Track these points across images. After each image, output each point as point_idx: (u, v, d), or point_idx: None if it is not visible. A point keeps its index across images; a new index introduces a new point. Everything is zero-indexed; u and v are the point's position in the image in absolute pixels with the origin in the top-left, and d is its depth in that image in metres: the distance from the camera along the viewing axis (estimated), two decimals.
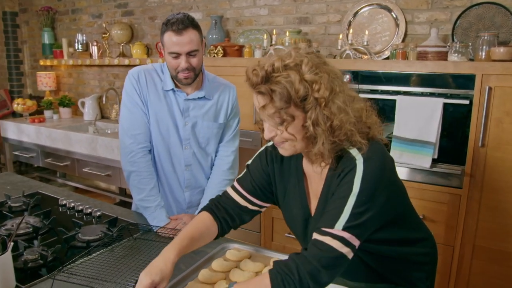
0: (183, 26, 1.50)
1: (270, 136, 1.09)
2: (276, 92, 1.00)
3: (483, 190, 2.11)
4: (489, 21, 2.40)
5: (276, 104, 1.01)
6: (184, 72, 1.55)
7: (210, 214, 1.28)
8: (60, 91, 4.76)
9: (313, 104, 1.02)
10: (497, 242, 2.12)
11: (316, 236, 1.02)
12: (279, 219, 2.81)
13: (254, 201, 1.30)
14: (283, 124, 1.04)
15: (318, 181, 1.18)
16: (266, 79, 1.02)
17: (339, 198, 1.03)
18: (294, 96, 1.00)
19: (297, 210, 1.23)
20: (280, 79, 1.00)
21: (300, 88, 1.00)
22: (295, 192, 1.23)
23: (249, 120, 2.78)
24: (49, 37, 4.57)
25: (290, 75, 1.00)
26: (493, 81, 2.01)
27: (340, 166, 1.07)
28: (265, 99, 1.02)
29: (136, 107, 1.64)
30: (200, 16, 3.52)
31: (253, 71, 1.04)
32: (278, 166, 1.27)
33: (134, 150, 1.63)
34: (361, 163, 1.04)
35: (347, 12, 2.83)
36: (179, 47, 1.51)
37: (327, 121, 1.02)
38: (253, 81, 1.03)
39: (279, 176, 1.27)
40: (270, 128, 1.08)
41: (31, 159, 4.11)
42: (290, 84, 1.00)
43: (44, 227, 1.56)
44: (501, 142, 2.04)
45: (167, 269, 1.07)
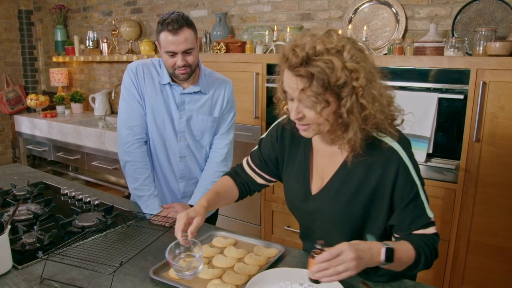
0: (178, 25, 1.55)
1: (297, 118, 1.08)
2: (316, 76, 0.99)
3: (477, 185, 2.12)
4: (489, 16, 2.40)
5: (314, 89, 1.00)
6: (181, 69, 1.62)
7: (231, 179, 1.43)
8: (72, 87, 4.89)
9: (350, 92, 1.02)
10: (491, 237, 2.12)
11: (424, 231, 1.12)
12: (279, 213, 2.86)
13: (262, 174, 1.40)
14: (315, 108, 1.04)
15: (326, 161, 1.21)
16: (306, 61, 1.00)
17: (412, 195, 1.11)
18: (333, 83, 1.00)
19: (298, 186, 1.26)
20: (321, 64, 0.98)
21: (341, 76, 0.99)
22: (299, 167, 1.27)
23: (250, 115, 2.83)
24: (61, 34, 4.70)
25: (333, 61, 0.99)
26: (487, 75, 2.02)
27: (377, 155, 1.11)
28: (303, 82, 1.01)
29: (133, 100, 1.71)
30: (205, 13, 3.59)
31: (292, 51, 1.01)
32: (289, 141, 1.30)
33: (130, 141, 1.70)
34: (405, 155, 1.11)
35: (348, 8, 2.85)
36: (175, 46, 1.57)
37: (361, 110, 1.04)
38: (292, 62, 1.01)
39: (288, 151, 1.31)
40: (298, 109, 1.06)
41: (44, 153, 4.24)
42: (331, 71, 0.99)
43: (44, 214, 1.64)
44: (496, 136, 2.04)
45: (200, 209, 1.22)
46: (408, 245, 1.08)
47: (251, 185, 1.44)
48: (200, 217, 1.19)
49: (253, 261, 1.28)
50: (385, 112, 1.09)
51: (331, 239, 1.20)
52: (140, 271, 1.25)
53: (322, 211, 1.22)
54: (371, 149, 1.11)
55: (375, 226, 1.17)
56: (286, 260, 1.32)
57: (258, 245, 1.40)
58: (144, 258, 1.32)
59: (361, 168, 1.14)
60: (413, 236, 1.12)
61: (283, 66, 1.06)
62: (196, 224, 1.17)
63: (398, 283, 1.20)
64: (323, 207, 1.21)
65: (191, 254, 1.16)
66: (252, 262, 1.27)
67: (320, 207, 1.22)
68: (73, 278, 1.20)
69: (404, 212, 1.12)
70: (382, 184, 1.12)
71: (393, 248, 1.03)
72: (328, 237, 1.21)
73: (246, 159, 1.45)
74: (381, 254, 1.02)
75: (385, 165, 1.11)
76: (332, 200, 1.18)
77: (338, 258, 0.96)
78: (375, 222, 1.17)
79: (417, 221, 1.12)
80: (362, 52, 1.06)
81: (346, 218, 1.18)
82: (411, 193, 1.11)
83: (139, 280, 1.20)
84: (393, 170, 1.10)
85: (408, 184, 1.10)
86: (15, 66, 5.04)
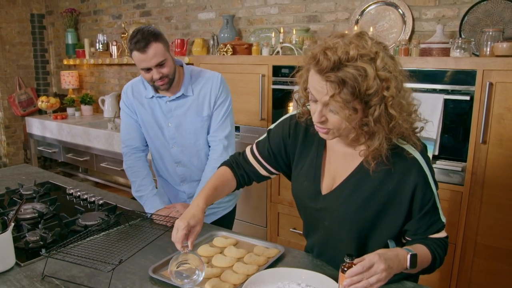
0: (145, 43, 1.56)
1: (320, 120, 1.05)
2: (347, 83, 0.95)
3: (484, 187, 2.09)
4: (497, 17, 2.37)
5: (343, 96, 0.97)
6: (159, 81, 1.66)
7: (229, 169, 1.39)
8: (82, 89, 4.96)
9: (379, 101, 0.99)
10: (499, 240, 2.09)
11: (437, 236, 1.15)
12: (285, 215, 2.85)
13: (267, 166, 1.37)
14: (342, 114, 1.01)
15: (340, 161, 1.20)
16: (338, 66, 0.96)
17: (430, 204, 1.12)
18: (364, 91, 0.96)
19: (308, 183, 1.25)
20: (353, 70, 0.95)
21: (373, 85, 0.96)
22: (311, 165, 1.25)
23: (256, 117, 2.84)
24: (72, 37, 4.77)
25: (366, 69, 0.95)
26: (494, 76, 1.99)
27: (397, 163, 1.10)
28: (333, 88, 0.97)
29: (127, 117, 1.84)
30: (213, 15, 3.61)
31: (324, 53, 0.97)
32: (302, 138, 1.28)
33: (127, 152, 1.86)
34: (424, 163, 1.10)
35: (354, 10, 2.84)
36: (147, 63, 1.60)
37: (389, 120, 1.01)
38: (323, 66, 0.96)
39: (300, 148, 1.28)
40: (321, 113, 1.04)
41: (54, 154, 4.30)
42: (363, 79, 0.95)
43: (49, 212, 1.67)
44: (503, 138, 2.02)
45: (199, 214, 1.20)
46: (425, 249, 1.11)
47: (252, 176, 1.40)
48: (200, 226, 1.20)
49: (253, 261, 1.28)
50: (410, 121, 1.07)
51: (337, 239, 1.22)
52: (140, 269, 1.26)
53: (332, 211, 1.20)
54: (391, 156, 1.09)
55: (384, 231, 1.17)
56: (286, 260, 1.32)
57: (259, 245, 1.40)
58: (144, 256, 1.33)
59: (378, 173, 1.12)
60: (427, 239, 1.14)
61: (310, 67, 1.03)
62: (196, 233, 1.18)
63: (397, 285, 1.19)
64: (333, 208, 1.19)
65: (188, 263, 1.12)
66: (251, 262, 1.28)
67: (331, 207, 1.20)
68: (73, 276, 1.22)
69: (421, 220, 1.13)
70: (400, 191, 1.11)
71: (416, 254, 1.04)
72: (334, 237, 1.22)
73: (250, 148, 1.40)
74: (407, 261, 1.03)
75: (405, 173, 1.10)
76: (345, 202, 1.17)
77: (369, 271, 0.96)
78: (386, 227, 1.16)
79: (432, 227, 1.14)
80: (393, 59, 1.03)
81: (357, 221, 1.16)
82: (430, 201, 1.12)
83: (138, 278, 1.21)
84: (412, 179, 1.10)
85: (427, 192, 1.11)
86: (27, 69, 5.12)
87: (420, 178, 1.09)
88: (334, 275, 1.16)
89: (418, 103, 1.11)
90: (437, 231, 1.15)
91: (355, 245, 1.18)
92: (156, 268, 1.24)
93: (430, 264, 1.11)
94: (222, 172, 1.39)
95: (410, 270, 1.05)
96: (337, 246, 1.24)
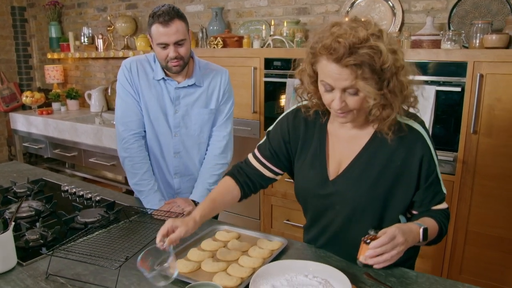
0: (169, 17, 1.56)
1: (341, 106, 1.09)
2: (365, 64, 1.00)
3: (475, 176, 2.14)
4: (485, 9, 2.42)
5: (365, 75, 1.02)
6: (173, 61, 1.62)
7: (232, 178, 1.38)
8: (67, 84, 4.87)
9: (392, 73, 1.04)
10: (489, 228, 2.15)
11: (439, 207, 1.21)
12: (278, 207, 2.87)
13: (271, 167, 1.38)
14: (358, 94, 1.06)
15: (344, 145, 1.24)
16: (352, 50, 1.00)
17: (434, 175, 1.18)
18: (379, 67, 1.02)
19: (314, 172, 1.27)
20: (368, 51, 1.00)
21: (388, 60, 1.02)
22: (315, 154, 1.28)
23: (248, 109, 2.84)
24: (56, 30, 4.67)
25: (379, 46, 1.01)
26: (484, 68, 2.04)
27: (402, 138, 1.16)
28: (354, 72, 1.01)
29: (128, 96, 1.72)
30: (201, 8, 3.57)
31: (337, 42, 1.01)
32: (303, 130, 1.31)
33: (126, 137, 1.72)
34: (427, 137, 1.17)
35: (344, 2, 2.85)
36: (167, 38, 1.58)
37: (401, 89, 1.08)
38: (340, 53, 1.00)
39: (302, 140, 1.31)
40: (341, 98, 1.08)
41: (40, 150, 4.23)
42: (379, 56, 1.01)
43: (46, 210, 1.64)
44: (493, 128, 2.06)
45: (190, 221, 1.19)
46: (432, 221, 1.18)
47: (258, 180, 1.39)
48: (184, 229, 1.17)
49: (257, 254, 1.29)
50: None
51: (349, 222, 1.25)
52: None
53: (343, 194, 1.23)
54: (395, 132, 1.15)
55: (397, 206, 1.21)
56: (290, 253, 1.34)
57: (261, 238, 1.41)
58: None
59: (383, 151, 1.18)
60: (432, 211, 1.21)
61: (321, 59, 1.07)
62: (178, 234, 1.15)
63: (400, 273, 1.22)
64: (345, 191, 1.22)
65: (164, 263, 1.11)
66: (256, 255, 1.29)
67: (342, 190, 1.23)
68: (78, 274, 1.21)
69: (427, 190, 1.19)
70: (408, 165, 1.17)
71: (427, 227, 1.12)
72: (346, 221, 1.25)
73: (251, 153, 1.42)
74: (420, 235, 1.10)
75: (411, 146, 1.16)
76: (355, 184, 1.21)
77: (392, 243, 1.01)
78: (398, 202, 1.21)
79: (436, 197, 1.21)
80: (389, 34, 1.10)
81: (371, 200, 1.20)
82: (434, 172, 1.19)
83: None
84: (418, 151, 1.16)
85: (432, 164, 1.18)
86: (9, 63, 4.99)
87: (425, 150, 1.16)
88: (339, 266, 1.19)
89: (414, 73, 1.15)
90: (439, 202, 1.22)
91: (369, 225, 1.20)
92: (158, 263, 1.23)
93: (437, 235, 1.19)
94: (223, 183, 1.39)
95: (421, 243, 1.13)
96: (350, 229, 1.26)
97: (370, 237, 1.03)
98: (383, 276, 1.20)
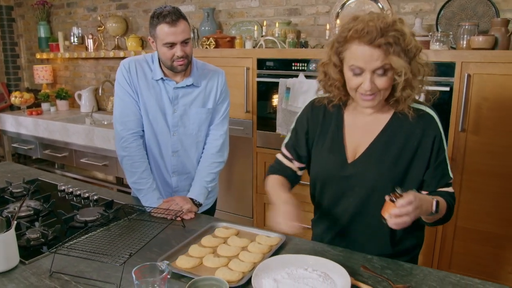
0: (176, 17, 1.60)
1: (371, 87, 1.19)
2: (393, 44, 1.13)
3: (463, 173, 2.21)
4: (471, 11, 2.49)
5: (396, 50, 1.14)
6: (179, 60, 1.65)
7: (274, 174, 1.46)
8: (56, 84, 4.83)
9: (413, 54, 1.18)
10: (477, 223, 2.22)
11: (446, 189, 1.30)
12: (271, 205, 2.90)
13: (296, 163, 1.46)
14: (387, 73, 1.17)
15: (360, 132, 1.34)
16: (382, 33, 1.12)
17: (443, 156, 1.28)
18: (405, 48, 1.15)
19: (333, 156, 1.36)
20: (395, 33, 1.13)
21: (411, 41, 1.15)
22: (333, 139, 1.37)
23: (241, 109, 2.87)
24: (45, 30, 4.64)
25: (403, 29, 1.15)
26: (472, 68, 2.10)
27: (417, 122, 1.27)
28: (384, 51, 1.14)
29: (126, 95, 1.73)
30: (192, 8, 3.59)
31: (368, 26, 1.13)
32: (321, 119, 1.40)
33: (124, 136, 1.73)
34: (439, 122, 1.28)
35: (335, 3, 2.90)
36: (174, 37, 1.61)
37: (420, 71, 1.20)
38: (373, 35, 1.12)
39: (320, 127, 1.40)
40: (371, 80, 1.18)
41: (30, 151, 4.19)
42: (404, 37, 1.14)
43: (44, 210, 1.65)
44: (480, 126, 2.13)
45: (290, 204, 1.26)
46: (441, 199, 1.25)
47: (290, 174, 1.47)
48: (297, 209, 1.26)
49: (257, 249, 1.33)
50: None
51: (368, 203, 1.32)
52: (147, 262, 1.27)
53: (363, 175, 1.31)
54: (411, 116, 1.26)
55: (411, 186, 1.28)
56: (288, 248, 1.38)
57: (260, 234, 1.45)
58: (149, 250, 1.35)
59: (401, 132, 1.28)
60: (440, 192, 1.29)
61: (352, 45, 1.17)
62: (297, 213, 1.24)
63: (395, 266, 1.26)
64: (364, 172, 1.30)
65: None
66: (256, 250, 1.32)
67: (362, 172, 1.31)
68: (81, 271, 1.23)
69: (436, 170, 1.28)
70: (423, 144, 1.27)
71: (439, 201, 1.20)
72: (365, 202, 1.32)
73: (279, 154, 1.50)
74: (433, 206, 1.18)
75: (425, 128, 1.27)
76: (376, 164, 1.29)
77: (414, 204, 1.09)
78: (412, 181, 1.29)
79: (443, 179, 1.29)
80: None
81: (390, 179, 1.28)
82: (443, 153, 1.28)
83: None
84: (432, 132, 1.26)
85: (442, 145, 1.28)
86: None
87: (438, 131, 1.27)
88: (337, 260, 1.23)
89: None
90: (446, 184, 1.30)
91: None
92: (164, 259, 1.26)
93: (445, 213, 1.26)
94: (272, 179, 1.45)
95: (431, 216, 1.21)
96: (368, 210, 1.33)
97: (396, 195, 1.10)
98: (379, 268, 1.24)
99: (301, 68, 2.63)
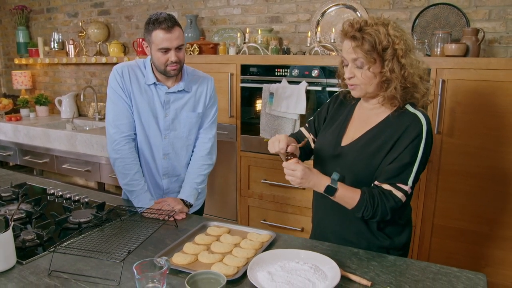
0: (172, 23, 1.67)
1: (349, 76, 1.37)
2: (366, 39, 1.29)
3: (440, 173, 2.32)
4: (444, 20, 2.63)
5: (365, 47, 1.30)
6: (173, 65, 1.71)
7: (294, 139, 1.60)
8: (36, 90, 4.78)
9: (392, 55, 1.30)
10: (453, 221, 2.34)
11: (393, 190, 1.33)
12: (255, 207, 2.97)
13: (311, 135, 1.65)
14: (363, 67, 1.33)
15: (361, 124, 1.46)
16: (359, 29, 1.31)
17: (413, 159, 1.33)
18: (379, 44, 1.29)
19: (331, 137, 1.51)
20: (370, 30, 1.30)
21: (383, 40, 1.29)
22: (338, 125, 1.53)
23: (225, 114, 2.93)
24: (23, 35, 4.59)
25: (379, 29, 1.30)
26: (446, 74, 2.23)
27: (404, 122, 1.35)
28: (356, 42, 1.31)
29: (119, 99, 1.77)
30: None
31: (350, 24, 1.34)
32: (337, 106, 1.58)
33: (117, 139, 1.77)
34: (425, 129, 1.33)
35: (315, 12, 3.01)
36: (169, 43, 1.67)
37: (401, 70, 1.31)
38: (349, 30, 1.32)
39: (333, 112, 1.58)
40: (351, 70, 1.36)
41: (8, 158, 4.13)
42: (377, 34, 1.29)
43: (36, 212, 1.67)
44: (454, 129, 2.26)
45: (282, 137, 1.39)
46: (358, 193, 1.34)
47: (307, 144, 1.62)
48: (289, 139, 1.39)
49: (249, 245, 1.39)
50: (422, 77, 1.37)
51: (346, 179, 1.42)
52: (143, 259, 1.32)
53: (346, 157, 1.43)
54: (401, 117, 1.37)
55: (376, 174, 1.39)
56: (278, 244, 1.44)
57: (251, 232, 1.51)
58: (145, 248, 1.39)
59: (387, 130, 1.38)
60: (376, 189, 1.35)
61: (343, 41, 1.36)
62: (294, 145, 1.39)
63: (380, 259, 1.34)
64: (347, 155, 1.43)
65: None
66: (248, 247, 1.38)
67: (346, 154, 1.44)
68: (80, 269, 1.26)
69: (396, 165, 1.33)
70: (399, 142, 1.35)
71: (336, 188, 1.33)
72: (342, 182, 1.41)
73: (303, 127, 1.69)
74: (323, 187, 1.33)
75: (408, 128, 1.34)
76: (359, 151, 1.41)
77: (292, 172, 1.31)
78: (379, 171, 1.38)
79: (397, 177, 1.33)
80: (404, 30, 1.36)
81: (365, 166, 1.39)
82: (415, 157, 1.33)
83: None
84: (413, 134, 1.33)
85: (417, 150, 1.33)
86: None
87: (420, 135, 1.33)
88: (326, 253, 1.30)
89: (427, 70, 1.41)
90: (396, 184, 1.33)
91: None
92: (160, 256, 1.30)
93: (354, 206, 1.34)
94: None
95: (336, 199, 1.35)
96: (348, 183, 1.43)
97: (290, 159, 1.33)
98: (366, 261, 1.32)
99: (284, 73, 2.71)
